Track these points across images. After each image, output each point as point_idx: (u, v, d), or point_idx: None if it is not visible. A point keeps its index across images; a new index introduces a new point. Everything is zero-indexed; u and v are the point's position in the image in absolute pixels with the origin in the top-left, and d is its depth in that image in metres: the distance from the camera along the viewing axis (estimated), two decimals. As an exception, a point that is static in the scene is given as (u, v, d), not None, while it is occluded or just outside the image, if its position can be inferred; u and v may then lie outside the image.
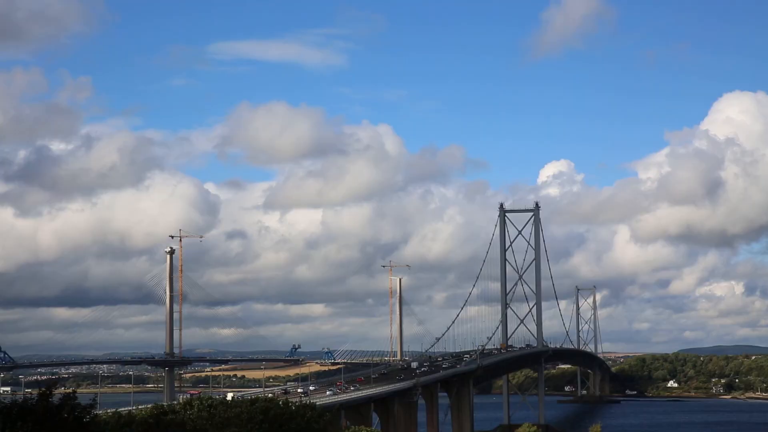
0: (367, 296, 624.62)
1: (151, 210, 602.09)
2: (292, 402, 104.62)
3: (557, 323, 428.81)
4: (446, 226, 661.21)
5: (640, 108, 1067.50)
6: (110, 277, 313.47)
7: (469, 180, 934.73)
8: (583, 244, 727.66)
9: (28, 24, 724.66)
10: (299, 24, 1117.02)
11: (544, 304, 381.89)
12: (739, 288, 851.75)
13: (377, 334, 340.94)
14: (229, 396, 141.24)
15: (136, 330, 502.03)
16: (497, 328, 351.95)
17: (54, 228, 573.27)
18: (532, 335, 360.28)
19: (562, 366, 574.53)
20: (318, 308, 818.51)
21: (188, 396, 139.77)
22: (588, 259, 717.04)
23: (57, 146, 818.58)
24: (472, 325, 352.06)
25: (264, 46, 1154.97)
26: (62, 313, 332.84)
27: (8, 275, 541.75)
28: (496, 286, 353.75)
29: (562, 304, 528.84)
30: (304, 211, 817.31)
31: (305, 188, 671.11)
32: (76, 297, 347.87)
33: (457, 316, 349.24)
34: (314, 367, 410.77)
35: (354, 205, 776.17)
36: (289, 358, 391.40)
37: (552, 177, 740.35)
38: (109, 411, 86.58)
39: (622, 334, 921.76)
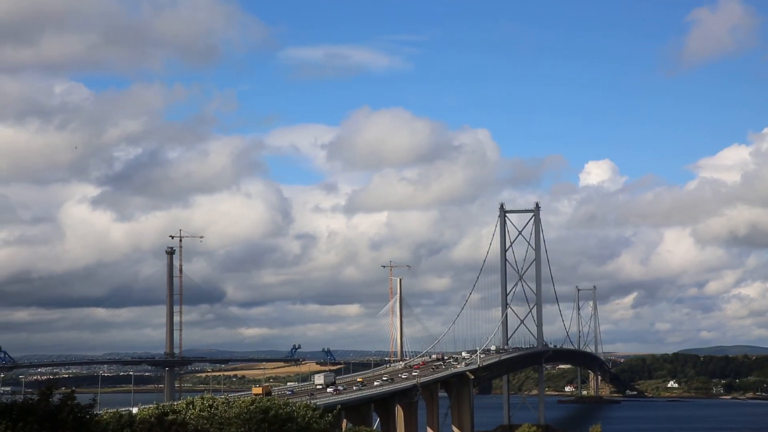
0: (404, 297, 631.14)
1: (232, 212, 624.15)
2: (292, 402, 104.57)
3: (560, 324, 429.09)
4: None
5: (705, 113, 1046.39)
6: (162, 278, 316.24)
7: (557, 183, 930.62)
8: (631, 245, 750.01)
9: (190, 44, 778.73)
10: (375, 30, 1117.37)
11: (554, 306, 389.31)
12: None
13: (396, 333, 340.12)
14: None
15: (164, 330, 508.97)
16: (497, 328, 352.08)
17: (131, 230, 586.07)
18: (533, 335, 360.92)
19: (563, 366, 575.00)
20: (353, 309, 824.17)
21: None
22: (635, 260, 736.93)
23: (172, 154, 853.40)
24: (473, 326, 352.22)
25: (335, 50, 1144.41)
26: (99, 313, 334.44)
27: (67, 275, 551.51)
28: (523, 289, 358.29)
29: (591, 305, 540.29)
30: (378, 214, 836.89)
31: (392, 192, 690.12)
32: (119, 298, 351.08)
33: (458, 316, 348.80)
34: (314, 367, 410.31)
35: (433, 209, 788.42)
36: (289, 358, 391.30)
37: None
38: (110, 411, 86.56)
39: (640, 334, 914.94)
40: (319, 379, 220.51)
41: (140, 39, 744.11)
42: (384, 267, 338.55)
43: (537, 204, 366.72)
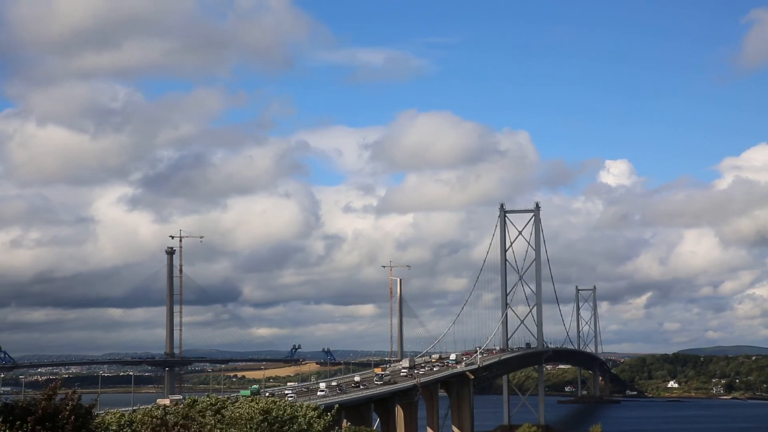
0: (417, 297, 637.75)
1: (266, 213, 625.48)
2: (292, 402, 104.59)
3: (564, 324, 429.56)
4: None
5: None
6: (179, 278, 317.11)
7: (591, 184, 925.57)
8: (654, 245, 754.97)
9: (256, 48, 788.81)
10: (410, 32, 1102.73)
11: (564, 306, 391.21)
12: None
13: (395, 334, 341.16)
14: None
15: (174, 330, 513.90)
16: (497, 328, 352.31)
17: (164, 231, 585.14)
18: (533, 336, 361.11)
19: (563, 366, 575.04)
20: (367, 309, 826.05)
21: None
22: (655, 260, 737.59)
23: (216, 157, 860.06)
24: (473, 326, 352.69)
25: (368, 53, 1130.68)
26: (113, 313, 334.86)
27: (90, 276, 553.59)
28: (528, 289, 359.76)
29: (604, 305, 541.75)
30: (409, 215, 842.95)
31: (427, 193, 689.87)
32: (136, 298, 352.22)
33: (458, 316, 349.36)
34: (313, 367, 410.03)
35: (463, 211, 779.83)
36: (288, 358, 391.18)
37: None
38: (112, 410, 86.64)
39: (648, 334, 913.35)
40: (404, 363, 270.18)
41: (218, 46, 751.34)
42: (384, 267, 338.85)
43: (537, 204, 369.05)
